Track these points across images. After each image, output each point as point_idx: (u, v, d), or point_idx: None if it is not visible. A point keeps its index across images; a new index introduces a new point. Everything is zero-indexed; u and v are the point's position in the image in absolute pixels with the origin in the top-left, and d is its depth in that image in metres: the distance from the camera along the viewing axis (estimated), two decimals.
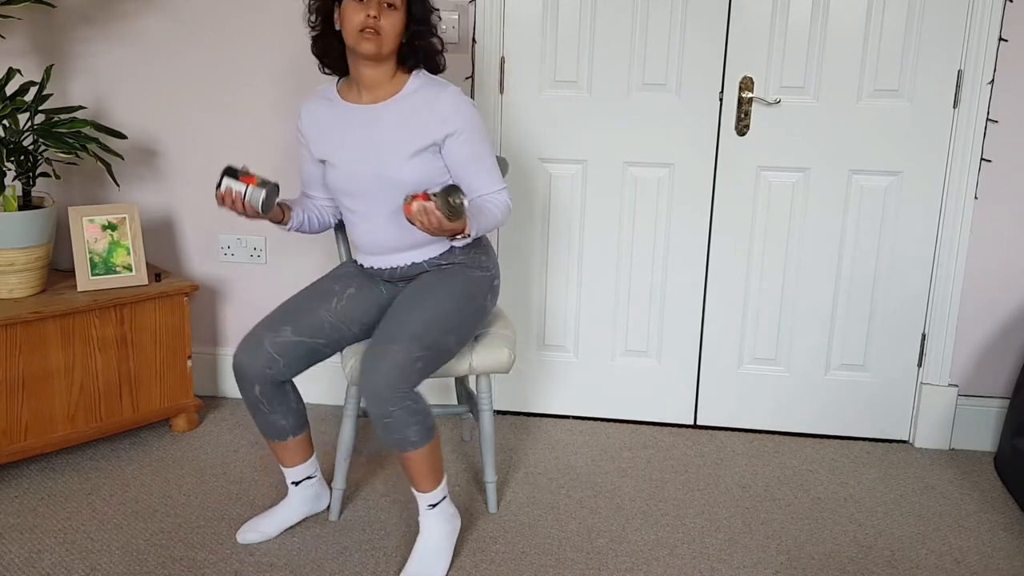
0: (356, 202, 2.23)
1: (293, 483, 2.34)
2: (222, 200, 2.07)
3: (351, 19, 2.10)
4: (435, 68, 2.26)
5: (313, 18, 2.22)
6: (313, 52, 2.26)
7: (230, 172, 2.07)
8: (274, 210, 2.18)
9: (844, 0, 2.66)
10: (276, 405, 2.21)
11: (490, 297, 2.28)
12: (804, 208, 2.82)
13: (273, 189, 2.09)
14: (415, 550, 2.18)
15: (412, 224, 1.99)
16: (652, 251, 2.90)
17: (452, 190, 1.98)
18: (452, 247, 2.26)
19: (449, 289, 2.19)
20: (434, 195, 1.96)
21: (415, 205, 1.96)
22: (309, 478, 2.36)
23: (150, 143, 2.98)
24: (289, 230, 2.31)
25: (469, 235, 2.05)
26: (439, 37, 2.24)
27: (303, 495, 2.36)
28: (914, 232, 2.80)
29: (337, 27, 2.17)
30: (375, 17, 2.08)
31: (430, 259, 2.26)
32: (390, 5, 2.11)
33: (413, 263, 2.26)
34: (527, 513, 2.48)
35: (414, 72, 2.21)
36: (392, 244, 2.24)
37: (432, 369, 2.12)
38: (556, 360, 3.02)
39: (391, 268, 2.28)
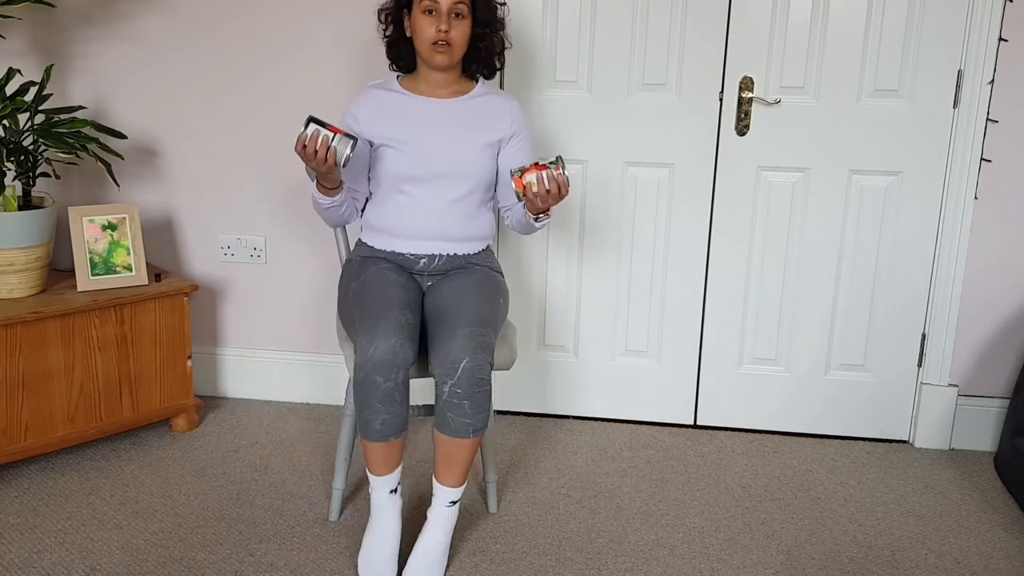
0: (418, 187, 2.26)
1: (392, 491, 2.16)
2: (304, 146, 2.01)
3: (424, 32, 2.20)
4: (492, 70, 2.36)
5: (386, 26, 2.33)
6: (388, 56, 2.36)
7: (316, 120, 2.02)
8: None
9: (844, 0, 2.66)
10: (406, 393, 2.07)
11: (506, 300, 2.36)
12: (804, 208, 2.82)
13: (354, 144, 2.04)
14: (422, 548, 2.15)
15: (521, 197, 2.07)
16: (652, 251, 2.90)
17: (560, 159, 2.04)
18: (488, 247, 2.36)
19: (489, 289, 2.25)
20: (551, 163, 2.04)
21: (531, 176, 2.03)
22: (400, 485, 2.22)
23: (150, 143, 2.98)
24: (330, 205, 2.24)
25: (550, 215, 2.18)
26: (500, 36, 2.33)
27: (399, 505, 2.19)
28: (914, 232, 2.80)
29: (408, 34, 2.28)
30: (446, 31, 2.18)
31: (467, 254, 2.31)
32: (458, 15, 2.20)
33: (455, 254, 2.30)
34: (527, 513, 2.48)
35: (480, 81, 2.36)
36: (444, 232, 2.28)
37: None
38: (556, 360, 3.02)
39: (431, 255, 2.29)
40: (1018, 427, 2.64)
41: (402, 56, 2.35)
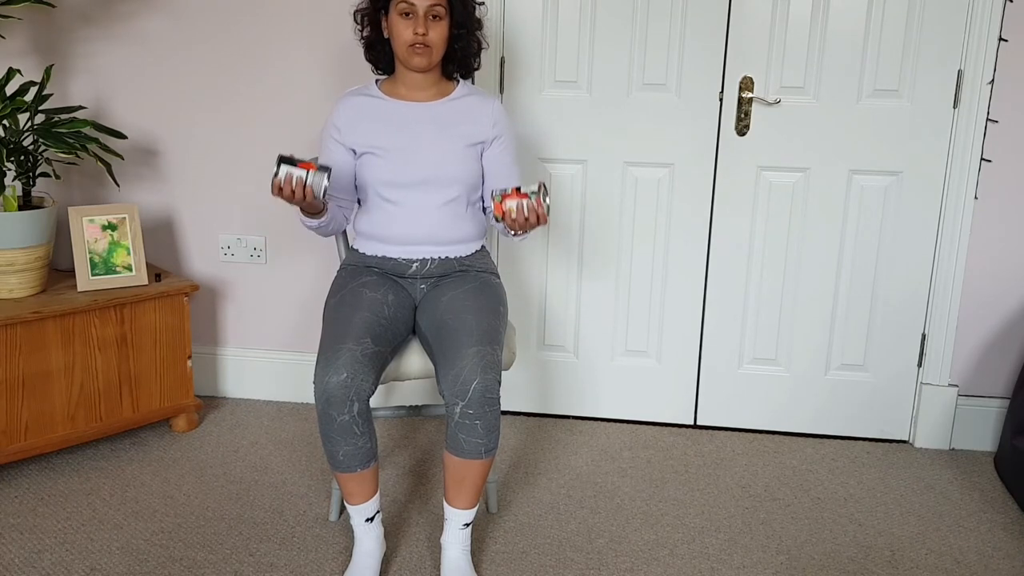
0: (401, 193, 2.22)
1: (367, 520, 2.14)
2: (280, 189, 1.99)
3: (400, 34, 2.17)
4: (468, 70, 2.33)
5: (363, 28, 2.30)
6: (367, 58, 2.34)
7: (286, 160, 1.99)
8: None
9: (844, 0, 2.66)
10: (367, 425, 2.05)
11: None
12: (804, 208, 2.82)
13: (330, 173, 2.02)
14: (448, 571, 2.11)
15: (500, 221, 2.05)
16: (652, 251, 2.90)
17: (543, 187, 2.02)
18: (483, 247, 2.34)
19: (490, 299, 2.21)
20: (533, 192, 2.01)
21: (511, 203, 2.01)
22: (379, 512, 2.18)
23: (150, 143, 2.98)
24: (318, 226, 2.21)
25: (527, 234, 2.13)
26: (477, 37, 2.30)
27: (376, 533, 2.17)
28: (914, 232, 2.80)
29: (386, 35, 2.25)
30: (424, 34, 2.15)
31: (459, 257, 2.28)
32: (436, 16, 2.17)
33: (447, 258, 2.27)
34: (527, 513, 2.48)
35: (460, 81, 2.33)
36: (434, 236, 2.25)
37: None
38: (556, 360, 3.02)
39: (422, 260, 2.26)
40: (1018, 427, 2.64)
41: (381, 58, 2.31)
